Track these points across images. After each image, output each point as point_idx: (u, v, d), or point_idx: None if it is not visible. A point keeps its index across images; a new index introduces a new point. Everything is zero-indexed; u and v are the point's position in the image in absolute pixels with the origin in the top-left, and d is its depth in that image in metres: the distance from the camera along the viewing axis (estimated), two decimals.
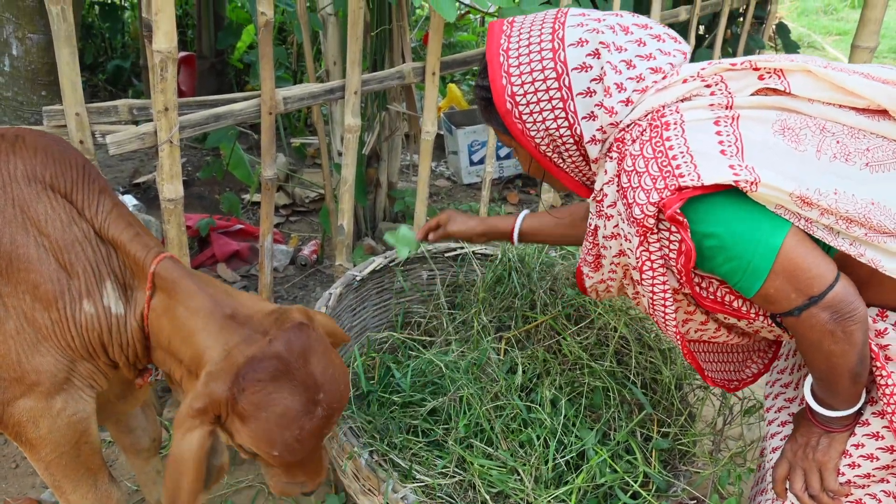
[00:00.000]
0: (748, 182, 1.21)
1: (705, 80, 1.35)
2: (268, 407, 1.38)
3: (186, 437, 1.39)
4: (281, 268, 3.74)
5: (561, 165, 1.48)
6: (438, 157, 5.13)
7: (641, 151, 1.30)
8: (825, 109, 1.31)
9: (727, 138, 1.27)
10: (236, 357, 1.41)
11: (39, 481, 2.40)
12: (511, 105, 1.41)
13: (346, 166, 2.52)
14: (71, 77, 1.97)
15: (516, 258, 2.51)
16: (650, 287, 1.39)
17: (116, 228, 1.62)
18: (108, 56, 5.77)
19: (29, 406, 1.57)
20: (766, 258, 1.26)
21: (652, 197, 1.26)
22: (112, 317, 1.60)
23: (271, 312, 1.51)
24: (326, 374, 1.47)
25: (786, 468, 1.53)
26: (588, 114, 1.37)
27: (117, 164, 4.62)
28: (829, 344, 1.30)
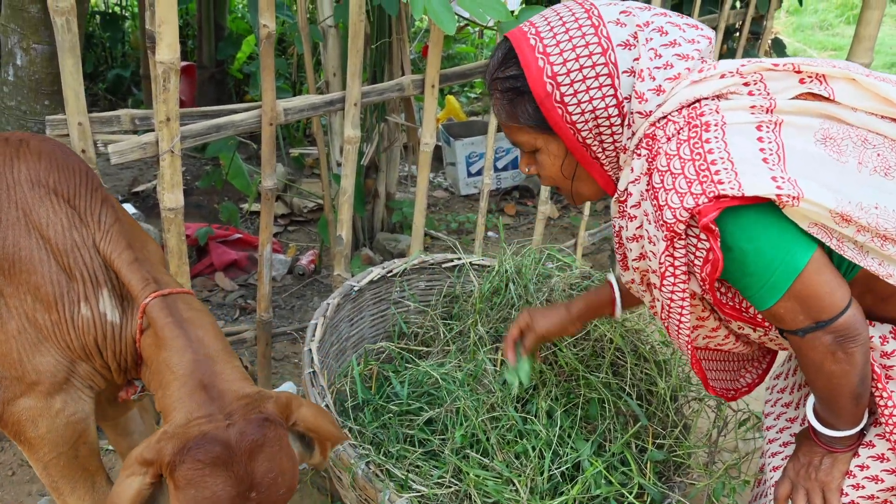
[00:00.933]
0: (790, 197, 1.17)
1: (744, 78, 1.30)
2: (198, 487, 1.38)
3: (127, 481, 1.40)
4: (279, 277, 3.76)
5: (599, 155, 1.39)
6: (436, 168, 5.16)
7: (678, 151, 1.24)
8: (868, 119, 1.27)
9: (769, 146, 1.22)
10: (192, 429, 1.42)
11: (36, 489, 2.40)
12: (552, 86, 1.31)
13: (345, 177, 2.54)
14: (74, 87, 1.99)
15: (513, 270, 2.53)
16: (669, 293, 1.34)
17: (115, 247, 1.63)
18: (108, 65, 5.80)
19: (29, 405, 1.58)
20: (784, 280, 1.23)
21: (686, 202, 1.20)
22: (107, 323, 1.62)
23: (246, 396, 1.49)
24: (266, 476, 1.45)
25: (788, 488, 1.52)
26: (629, 95, 1.31)
27: (116, 172, 4.64)
28: (830, 364, 1.30)
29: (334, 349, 2.43)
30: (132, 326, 1.63)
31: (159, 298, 1.58)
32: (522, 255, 2.60)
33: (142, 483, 1.39)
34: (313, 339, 2.17)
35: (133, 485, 1.39)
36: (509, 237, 4.17)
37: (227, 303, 3.56)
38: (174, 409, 1.47)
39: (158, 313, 1.57)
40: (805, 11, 9.54)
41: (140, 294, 1.59)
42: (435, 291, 2.67)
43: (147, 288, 1.59)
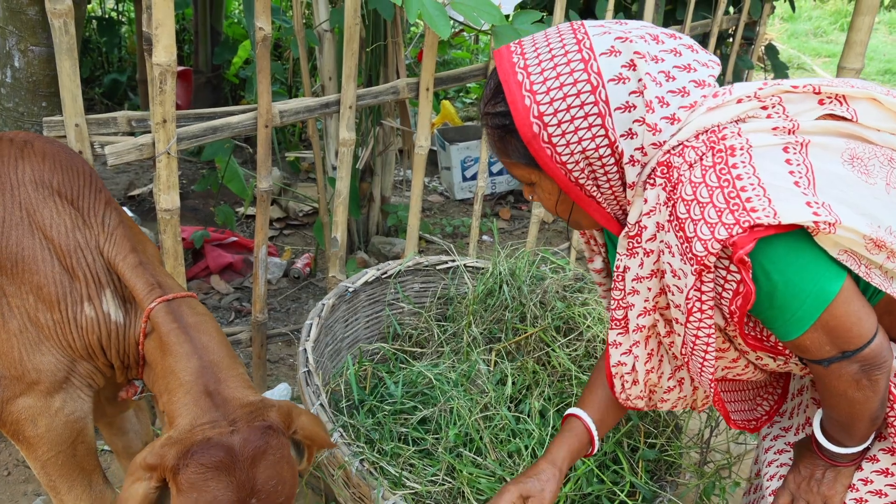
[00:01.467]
0: (827, 224, 1.11)
1: (762, 101, 1.24)
2: (199, 491, 1.41)
3: (134, 486, 1.43)
4: (274, 280, 3.78)
5: (595, 194, 1.31)
6: (432, 172, 5.18)
7: (704, 178, 1.16)
8: (892, 139, 1.23)
9: (798, 168, 1.16)
10: (196, 434, 1.44)
11: (31, 489, 2.41)
12: (539, 127, 1.23)
13: (340, 179, 2.56)
14: (71, 89, 2.01)
15: (507, 272, 2.55)
16: (695, 330, 1.26)
17: (119, 251, 1.64)
18: (105, 70, 5.81)
19: (28, 404, 1.59)
20: (813, 312, 1.18)
21: (719, 233, 1.13)
22: (111, 323, 1.63)
23: (249, 404, 1.51)
24: (267, 483, 1.47)
25: (788, 499, 1.50)
26: (626, 131, 1.22)
27: (113, 176, 4.66)
28: (854, 392, 1.27)
29: (329, 349, 2.44)
30: (136, 328, 1.65)
31: (164, 304, 1.60)
32: (516, 257, 2.63)
33: (147, 488, 1.42)
34: (308, 339, 2.19)
35: (139, 490, 1.41)
36: (504, 241, 4.19)
37: (223, 305, 3.57)
38: (179, 415, 1.49)
39: (163, 318, 1.58)
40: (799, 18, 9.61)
41: (145, 299, 1.60)
42: (429, 293, 2.69)
43: (152, 293, 1.61)
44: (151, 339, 1.62)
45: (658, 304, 1.36)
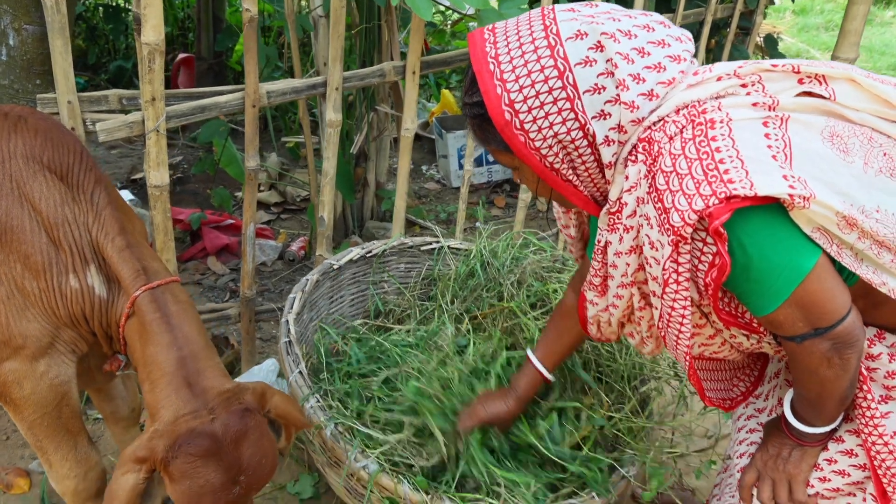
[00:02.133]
0: (802, 198, 1.12)
1: (742, 79, 1.26)
2: (192, 477, 1.53)
3: (123, 477, 1.53)
4: (269, 262, 3.85)
5: (571, 178, 1.34)
6: (430, 160, 5.25)
7: (683, 150, 1.18)
8: (871, 119, 1.25)
9: (776, 143, 1.18)
10: (180, 426, 1.55)
11: (29, 452, 2.50)
12: (510, 114, 1.26)
13: (326, 160, 2.63)
14: (63, 66, 2.08)
15: (489, 253, 2.61)
16: (671, 301, 1.28)
17: (108, 233, 1.71)
18: (111, 57, 5.90)
19: (14, 367, 1.67)
20: (786, 287, 1.20)
21: (696, 204, 1.15)
22: (95, 296, 1.70)
23: (226, 391, 1.62)
24: (252, 460, 1.60)
25: (754, 476, 1.54)
26: (598, 112, 1.24)
27: (116, 160, 4.75)
28: (825, 370, 1.29)
29: (314, 325, 2.51)
30: (118, 305, 1.72)
31: (148, 292, 1.68)
32: (499, 239, 2.69)
33: (137, 479, 1.53)
34: (291, 312, 2.27)
35: (129, 481, 1.52)
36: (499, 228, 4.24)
37: (219, 286, 3.65)
38: (162, 407, 1.60)
39: (147, 307, 1.66)
40: (811, 12, 9.57)
41: (131, 286, 1.68)
42: (414, 273, 2.76)
43: (137, 280, 1.68)
44: (133, 323, 1.70)
45: (636, 279, 1.39)
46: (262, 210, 4.36)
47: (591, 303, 1.56)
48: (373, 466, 1.85)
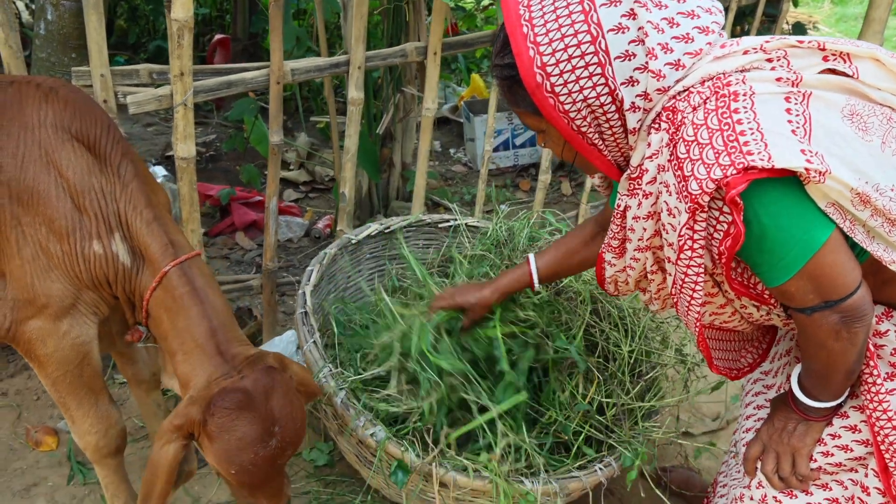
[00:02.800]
0: (818, 172, 1.15)
1: (768, 54, 1.28)
2: (230, 430, 1.61)
3: (164, 448, 1.63)
4: (296, 239, 3.94)
5: (597, 142, 1.37)
6: (458, 144, 5.29)
7: (706, 121, 1.20)
8: (892, 99, 1.27)
9: (796, 118, 1.20)
10: (213, 388, 1.65)
11: (57, 412, 2.61)
12: (542, 77, 1.28)
13: (348, 137, 2.69)
14: (97, 41, 2.17)
15: (505, 233, 2.65)
16: (685, 268, 1.31)
17: (136, 205, 1.78)
18: (150, 37, 6.03)
19: (38, 326, 1.76)
20: (800, 259, 1.22)
21: (714, 173, 1.17)
22: (119, 263, 1.78)
23: (251, 356, 1.72)
24: (284, 412, 1.68)
25: (759, 449, 1.58)
26: (627, 79, 1.26)
27: (151, 137, 4.87)
28: (833, 343, 1.31)
29: (332, 297, 2.58)
30: (143, 278, 1.80)
31: (178, 267, 1.77)
32: (516, 218, 2.73)
33: (176, 448, 1.63)
34: (308, 284, 2.34)
35: (170, 451, 1.63)
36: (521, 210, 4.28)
37: (246, 260, 3.74)
38: (195, 375, 1.70)
39: (177, 281, 1.76)
40: (850, 2, 9.38)
41: (160, 260, 1.76)
42: (432, 251, 2.81)
43: (166, 255, 1.77)
44: (159, 296, 1.78)
45: (652, 244, 1.43)
46: (291, 188, 4.45)
47: (608, 263, 1.60)
48: (380, 434, 1.91)
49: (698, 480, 2.42)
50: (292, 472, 2.47)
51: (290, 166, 4.60)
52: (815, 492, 1.53)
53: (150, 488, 1.65)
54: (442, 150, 5.21)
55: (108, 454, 1.97)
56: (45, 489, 2.34)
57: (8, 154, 1.70)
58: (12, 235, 1.71)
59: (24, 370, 2.79)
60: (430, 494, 1.94)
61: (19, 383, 2.74)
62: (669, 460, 2.63)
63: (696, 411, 2.83)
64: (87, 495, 2.32)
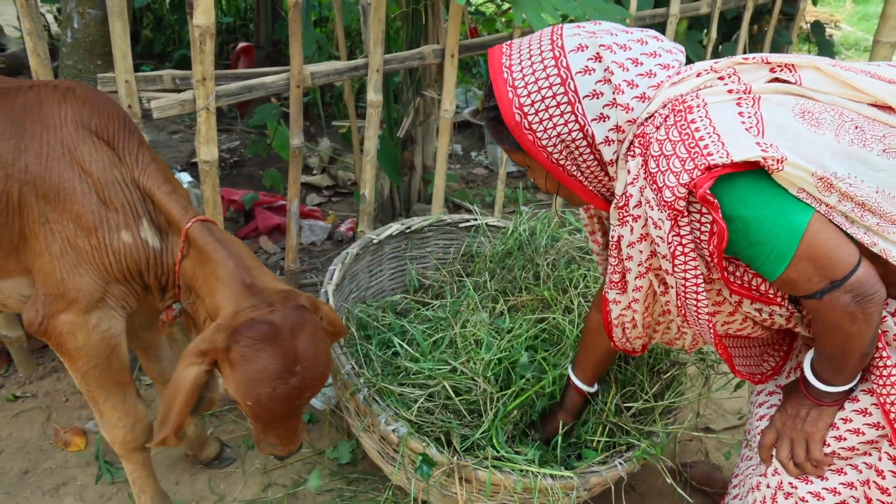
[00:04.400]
0: (775, 160, 1.23)
1: (718, 73, 1.39)
2: (251, 361, 1.63)
3: (187, 369, 1.66)
4: (319, 242, 3.98)
5: (576, 174, 1.48)
6: (479, 147, 5.32)
7: (667, 135, 1.31)
8: (838, 100, 1.35)
9: (748, 119, 1.29)
10: (240, 317, 1.67)
11: (86, 414, 2.67)
12: (520, 116, 1.41)
13: (368, 139, 2.72)
14: (122, 48, 2.22)
15: (526, 233, 2.67)
16: (682, 273, 1.39)
17: (154, 181, 1.84)
18: (176, 46, 6.14)
19: (69, 320, 1.80)
20: (790, 243, 1.27)
21: (682, 178, 1.27)
22: (150, 248, 1.83)
23: (281, 291, 1.74)
24: (309, 352, 1.68)
25: (773, 436, 1.60)
26: (598, 115, 1.38)
27: (177, 144, 4.96)
28: (849, 325, 1.34)
29: (354, 297, 2.61)
30: (172, 250, 1.85)
31: (199, 222, 1.81)
32: (537, 218, 2.75)
33: (198, 371, 1.66)
34: (330, 283, 2.37)
35: (192, 372, 1.65)
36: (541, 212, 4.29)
37: (269, 264, 3.79)
38: (222, 307, 1.72)
39: (200, 233, 1.80)
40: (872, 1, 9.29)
41: (182, 219, 1.81)
42: (452, 250, 2.84)
43: (187, 214, 1.82)
44: (188, 259, 1.82)
45: (651, 266, 1.50)
46: (314, 193, 4.50)
47: (613, 302, 1.66)
48: (402, 430, 1.93)
49: (719, 476, 2.41)
50: None
51: (312, 171, 4.65)
52: (831, 477, 1.54)
53: (168, 407, 1.68)
54: (463, 154, 5.23)
55: (136, 448, 2.01)
56: (74, 488, 2.38)
57: (32, 154, 1.74)
58: (41, 233, 1.76)
59: (53, 373, 2.85)
60: (453, 490, 1.95)
61: (48, 385, 2.80)
62: (690, 456, 2.62)
63: (717, 407, 2.82)
64: (115, 494, 2.36)
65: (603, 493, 2.09)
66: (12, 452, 2.50)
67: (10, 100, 1.80)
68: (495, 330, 2.24)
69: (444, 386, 2.03)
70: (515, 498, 1.91)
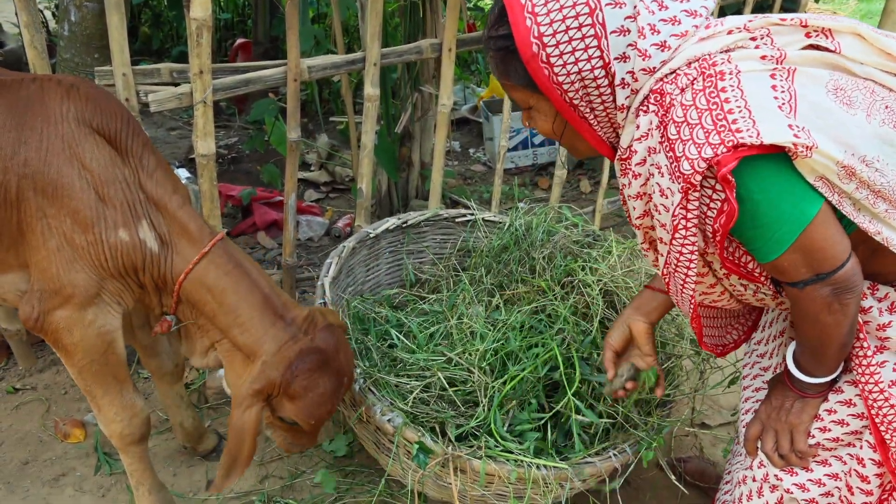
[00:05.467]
0: (805, 147, 1.17)
1: (751, 33, 1.30)
2: (314, 389, 1.79)
3: (247, 412, 1.76)
4: (316, 238, 3.99)
5: (587, 116, 1.39)
6: (477, 143, 5.33)
7: (694, 101, 1.23)
8: (874, 72, 1.29)
9: (782, 94, 1.22)
10: (287, 352, 1.78)
11: (85, 406, 2.68)
12: (538, 47, 1.29)
13: (365, 133, 2.73)
14: (119, 41, 2.22)
15: (522, 227, 2.67)
16: (679, 247, 1.34)
17: (165, 191, 1.85)
18: (174, 43, 6.14)
19: (65, 315, 1.81)
20: (791, 233, 1.24)
21: (705, 152, 1.19)
22: (147, 249, 1.82)
23: (307, 316, 1.87)
24: (349, 364, 1.90)
25: (758, 428, 1.60)
26: (620, 54, 1.28)
27: (175, 140, 4.97)
28: (826, 315, 1.33)
29: (350, 290, 2.62)
30: (173, 263, 1.85)
31: (219, 245, 1.85)
32: (533, 213, 2.75)
33: (258, 411, 1.78)
34: (327, 276, 2.38)
35: (253, 414, 1.77)
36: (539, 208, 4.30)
37: (267, 259, 3.80)
38: (263, 343, 1.82)
39: (220, 260, 1.85)
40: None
41: (200, 240, 1.84)
42: (449, 245, 2.84)
43: (204, 234, 1.85)
44: (197, 276, 1.84)
45: (642, 225, 1.47)
46: (312, 189, 4.51)
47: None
48: (398, 419, 1.94)
49: (713, 472, 2.42)
50: (313, 463, 2.51)
51: (310, 167, 4.66)
52: (816, 468, 1.55)
53: (236, 453, 1.77)
54: (461, 151, 5.25)
55: (133, 442, 2.02)
56: (73, 479, 2.40)
57: (32, 148, 1.74)
58: (38, 227, 1.76)
59: (53, 365, 2.86)
60: (447, 480, 1.96)
61: (48, 378, 2.81)
62: (685, 452, 2.63)
63: (713, 403, 2.83)
64: (113, 485, 2.38)
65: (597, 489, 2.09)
66: (12, 444, 2.51)
67: (12, 92, 1.80)
68: (491, 323, 2.25)
69: (439, 377, 2.03)
70: (510, 488, 1.92)
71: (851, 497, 1.52)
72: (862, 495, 1.50)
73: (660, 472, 2.21)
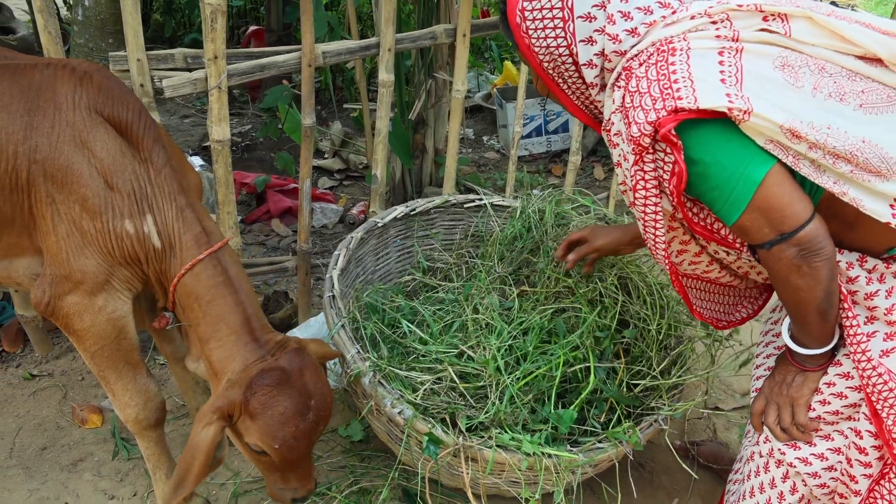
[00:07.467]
0: (741, 111, 1.28)
1: (711, 17, 1.41)
2: (272, 406, 1.73)
3: (204, 430, 1.71)
4: (331, 225, 3.99)
5: (562, 86, 1.59)
6: (491, 131, 5.31)
7: (646, 74, 1.37)
8: (824, 52, 1.36)
9: (728, 68, 1.33)
10: (251, 370, 1.76)
11: (101, 392, 2.69)
12: (520, 19, 1.51)
13: (379, 118, 2.72)
14: (133, 26, 2.22)
15: (536, 214, 2.65)
16: (642, 207, 1.47)
17: (169, 192, 1.84)
18: (186, 30, 6.14)
19: (75, 301, 1.82)
20: (745, 192, 1.33)
21: (650, 116, 1.33)
22: (150, 244, 1.82)
23: (279, 340, 1.85)
24: (317, 387, 1.81)
25: (762, 403, 1.65)
26: (587, 38, 1.47)
27: (189, 128, 4.97)
28: (796, 278, 1.39)
29: (360, 280, 2.61)
30: (173, 264, 1.85)
31: (211, 256, 1.84)
32: (544, 198, 2.72)
33: (216, 430, 1.73)
34: (335, 268, 2.37)
35: (210, 432, 1.72)
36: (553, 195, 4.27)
37: (282, 246, 3.81)
38: (232, 360, 1.80)
39: (212, 271, 1.84)
40: None
41: (193, 249, 1.83)
42: (459, 231, 2.83)
43: (200, 243, 1.84)
44: (187, 284, 1.84)
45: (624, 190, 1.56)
46: (326, 176, 4.51)
47: None
48: (408, 412, 1.93)
49: (726, 454, 2.43)
50: (329, 448, 2.52)
51: (324, 155, 4.66)
52: (819, 442, 1.59)
53: (187, 468, 1.72)
54: (475, 138, 5.23)
55: (148, 426, 2.03)
56: (91, 464, 2.41)
57: (42, 134, 1.75)
58: (47, 213, 1.77)
59: (69, 352, 2.88)
60: (460, 469, 1.96)
61: (64, 364, 2.83)
62: (699, 435, 2.62)
63: (726, 387, 2.82)
64: (131, 469, 2.39)
65: (610, 470, 2.09)
66: (31, 429, 2.53)
67: (25, 76, 1.80)
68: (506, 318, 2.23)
69: (450, 372, 2.03)
70: (521, 476, 1.91)
71: (851, 470, 1.54)
72: (861, 467, 1.53)
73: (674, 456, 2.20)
